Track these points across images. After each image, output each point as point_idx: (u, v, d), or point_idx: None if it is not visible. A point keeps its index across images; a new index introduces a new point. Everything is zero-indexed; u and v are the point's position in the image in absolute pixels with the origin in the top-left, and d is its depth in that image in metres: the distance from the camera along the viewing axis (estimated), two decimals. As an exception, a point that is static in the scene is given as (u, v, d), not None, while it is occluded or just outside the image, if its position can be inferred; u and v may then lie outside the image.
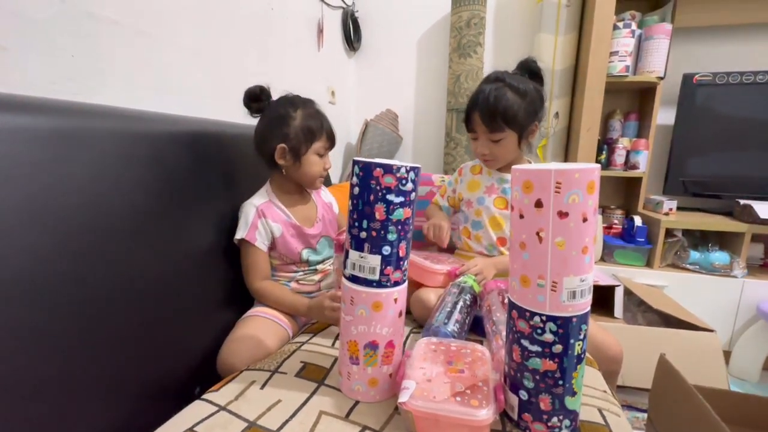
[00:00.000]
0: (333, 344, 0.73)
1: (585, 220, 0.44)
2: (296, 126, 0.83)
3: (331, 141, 0.89)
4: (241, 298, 0.87)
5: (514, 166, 0.48)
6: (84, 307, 0.54)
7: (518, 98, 0.82)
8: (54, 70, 0.66)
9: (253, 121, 0.90)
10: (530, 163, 0.95)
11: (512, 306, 0.50)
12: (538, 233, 0.45)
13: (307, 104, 0.88)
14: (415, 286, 0.84)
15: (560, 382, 0.47)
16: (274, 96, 0.89)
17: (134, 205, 0.64)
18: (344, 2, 1.83)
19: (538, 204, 0.44)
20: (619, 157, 1.65)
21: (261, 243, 0.83)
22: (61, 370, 0.50)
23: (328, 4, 1.69)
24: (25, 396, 0.46)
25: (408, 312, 0.83)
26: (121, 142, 0.64)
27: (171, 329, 0.69)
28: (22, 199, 0.48)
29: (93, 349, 0.55)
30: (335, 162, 1.82)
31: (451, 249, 1.07)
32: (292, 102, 0.86)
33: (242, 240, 0.82)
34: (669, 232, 1.56)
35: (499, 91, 0.82)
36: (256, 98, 0.86)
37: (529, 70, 0.88)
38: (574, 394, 0.48)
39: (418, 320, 0.84)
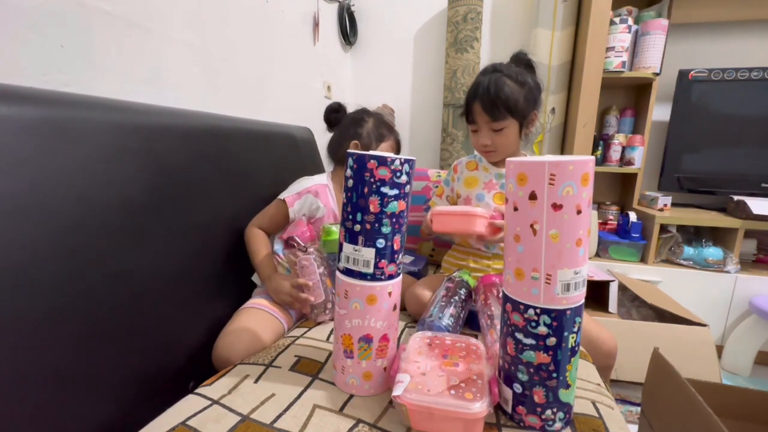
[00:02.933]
0: (327, 338, 0.73)
1: (579, 212, 0.43)
2: (369, 127, 0.97)
3: (399, 145, 1.03)
4: (236, 291, 0.87)
5: (508, 159, 0.48)
6: (77, 302, 0.53)
7: (518, 86, 0.83)
8: (44, 60, 0.65)
9: (249, 114, 0.89)
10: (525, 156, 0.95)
11: (506, 299, 0.50)
12: (532, 226, 0.45)
13: (378, 114, 1.02)
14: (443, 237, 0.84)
15: (554, 375, 0.47)
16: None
17: (127, 198, 0.63)
18: (340, -4, 1.82)
19: (533, 196, 0.44)
20: (615, 153, 1.66)
21: (294, 212, 0.89)
22: (54, 364, 0.50)
23: (323, -2, 1.67)
24: (19, 390, 0.46)
25: (403, 308, 0.84)
26: (113, 135, 0.63)
27: (165, 323, 0.69)
28: (11, 191, 0.48)
29: (86, 343, 0.54)
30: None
31: (448, 244, 1.07)
32: (366, 111, 1.02)
33: (281, 200, 0.90)
34: (663, 228, 1.57)
35: (499, 81, 0.82)
36: (336, 110, 1.03)
37: (524, 62, 0.89)
38: (568, 386, 0.48)
39: (413, 315, 0.83)
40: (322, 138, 1.49)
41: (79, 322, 0.54)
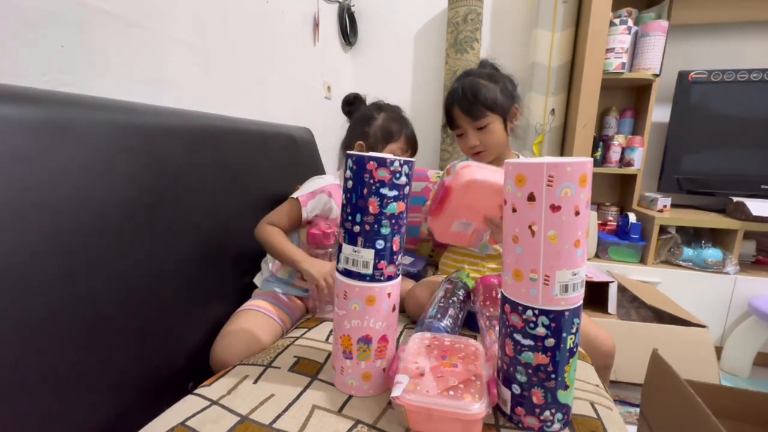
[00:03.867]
0: (327, 339, 0.73)
1: (577, 213, 0.43)
2: (377, 126, 0.91)
3: (411, 145, 0.95)
4: (234, 293, 0.87)
5: (507, 160, 0.48)
6: (76, 302, 0.53)
7: (492, 83, 0.86)
8: (44, 60, 0.65)
9: (249, 115, 0.89)
10: (518, 156, 0.96)
11: (505, 300, 0.50)
12: (530, 227, 0.45)
13: (392, 108, 0.95)
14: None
15: (553, 376, 0.47)
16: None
17: (127, 198, 0.63)
18: (340, -3, 1.82)
19: (531, 198, 0.44)
20: (615, 154, 1.66)
21: (307, 211, 0.86)
22: (52, 365, 0.50)
23: (324, -1, 1.68)
24: (17, 392, 0.46)
25: (402, 310, 0.84)
26: (113, 135, 0.63)
27: (164, 324, 0.69)
28: (11, 192, 0.48)
29: (85, 344, 0.54)
30: (330, 156, 1.81)
31: (444, 247, 1.07)
32: (378, 106, 0.95)
33: (294, 198, 0.86)
34: (663, 229, 1.57)
35: (473, 82, 0.85)
36: (350, 103, 0.99)
37: (489, 66, 0.92)
38: (566, 387, 0.48)
39: (411, 317, 0.83)
40: (322, 138, 1.49)
41: (78, 322, 0.54)
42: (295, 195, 0.87)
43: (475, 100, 0.83)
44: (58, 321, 0.51)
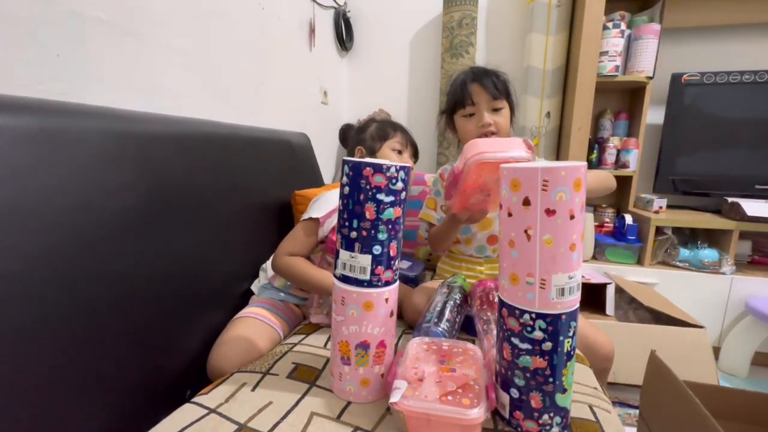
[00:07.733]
0: (325, 345, 0.73)
1: (572, 217, 0.44)
2: (371, 130, 0.95)
3: (410, 143, 0.97)
4: (232, 300, 0.87)
5: (502, 165, 0.48)
6: (72, 310, 0.53)
7: (502, 76, 0.89)
8: (39, 69, 0.65)
9: (245, 120, 0.89)
10: None
11: (502, 304, 0.50)
12: (526, 231, 0.45)
13: (386, 118, 1.03)
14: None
15: (550, 380, 0.47)
16: None
17: (122, 206, 0.63)
18: (336, 2, 1.83)
19: (526, 202, 0.45)
20: (610, 156, 1.67)
21: (323, 231, 0.84)
22: (49, 372, 0.50)
23: (319, 4, 1.68)
24: (14, 398, 0.46)
25: (400, 317, 0.83)
26: (109, 143, 0.63)
27: (161, 331, 0.68)
28: (8, 199, 0.48)
29: (82, 352, 0.54)
30: (327, 161, 1.81)
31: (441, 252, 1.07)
32: (372, 118, 1.01)
33: (313, 219, 0.82)
34: (659, 230, 1.58)
35: (487, 68, 0.88)
36: (344, 132, 1.11)
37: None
38: (564, 391, 0.48)
39: (409, 323, 0.83)
40: (319, 143, 1.49)
41: (75, 330, 0.53)
42: (310, 215, 0.83)
43: (497, 80, 0.85)
44: (55, 329, 0.51)
